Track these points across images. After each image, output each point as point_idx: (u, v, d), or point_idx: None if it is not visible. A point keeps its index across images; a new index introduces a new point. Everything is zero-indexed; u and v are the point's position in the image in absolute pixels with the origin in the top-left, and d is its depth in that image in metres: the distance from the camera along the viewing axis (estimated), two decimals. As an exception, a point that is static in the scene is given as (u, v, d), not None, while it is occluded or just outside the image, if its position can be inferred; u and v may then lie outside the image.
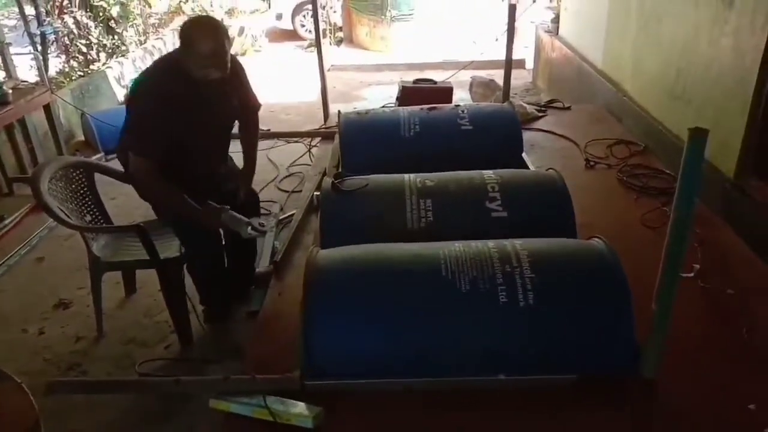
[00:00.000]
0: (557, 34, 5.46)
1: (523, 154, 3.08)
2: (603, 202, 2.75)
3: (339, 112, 3.18)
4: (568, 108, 3.96)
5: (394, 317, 1.65)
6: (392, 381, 1.65)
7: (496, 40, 8.28)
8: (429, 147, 2.96)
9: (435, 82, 3.89)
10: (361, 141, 3.00)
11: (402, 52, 8.10)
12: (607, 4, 4.10)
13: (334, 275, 1.74)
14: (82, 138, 5.13)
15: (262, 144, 4.77)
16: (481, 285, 1.64)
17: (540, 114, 3.83)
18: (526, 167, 2.94)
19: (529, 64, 6.86)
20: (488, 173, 2.30)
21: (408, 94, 3.82)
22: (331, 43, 8.99)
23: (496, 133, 3.02)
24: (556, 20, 5.49)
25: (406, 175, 2.33)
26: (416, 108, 3.21)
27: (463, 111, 3.08)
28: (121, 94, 6.21)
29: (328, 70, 7.72)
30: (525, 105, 3.79)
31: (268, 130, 5.34)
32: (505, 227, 2.08)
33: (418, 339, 1.63)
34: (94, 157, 4.76)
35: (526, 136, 3.57)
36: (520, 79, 6.89)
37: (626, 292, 1.61)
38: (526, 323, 1.61)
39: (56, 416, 1.98)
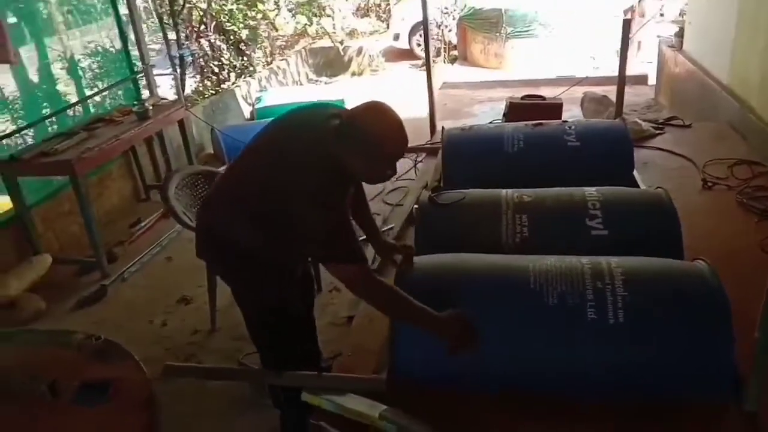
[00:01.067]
0: (681, 48, 5.17)
1: (635, 173, 2.97)
2: (719, 225, 2.59)
3: (443, 127, 3.25)
4: (689, 126, 3.76)
5: (479, 326, 1.67)
6: (475, 388, 1.67)
7: (617, 53, 8.05)
8: (533, 163, 2.94)
9: (544, 98, 3.84)
10: (464, 156, 3.04)
11: (517, 68, 8.03)
12: (735, 16, 3.84)
13: (422, 280, 1.81)
14: (211, 151, 5.60)
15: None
16: (570, 300, 1.64)
17: (657, 132, 3.67)
18: (637, 186, 2.83)
19: (652, 80, 6.53)
20: (590, 190, 2.26)
21: (515, 111, 3.81)
22: (445, 62, 9.11)
23: (605, 151, 2.93)
24: (680, 34, 5.21)
25: (504, 190, 2.35)
26: (521, 124, 3.20)
27: (570, 127, 3.02)
28: (247, 111, 6.71)
29: (440, 87, 7.84)
30: (640, 122, 3.64)
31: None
32: (606, 246, 2.03)
33: (501, 350, 1.66)
34: (220, 168, 5.18)
35: (640, 154, 3.45)
36: (642, 95, 6.58)
37: (725, 314, 1.54)
38: (614, 341, 1.59)
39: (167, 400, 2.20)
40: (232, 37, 7.22)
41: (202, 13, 6.87)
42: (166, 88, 6.20)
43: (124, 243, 3.90)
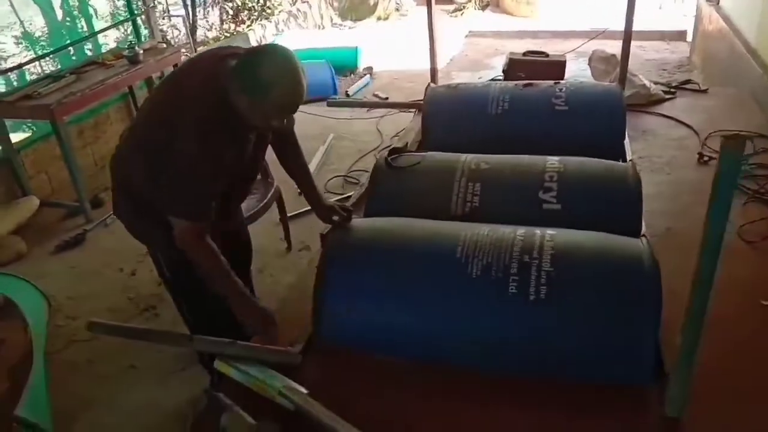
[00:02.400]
0: (718, 3, 4.79)
1: (626, 142, 2.80)
2: (699, 204, 2.40)
3: (428, 84, 3.11)
4: (704, 91, 3.50)
5: (399, 293, 1.68)
6: (394, 354, 1.67)
7: (660, 8, 7.54)
8: (517, 127, 2.82)
9: (547, 55, 3.63)
10: (445, 116, 2.94)
11: (550, 18, 7.63)
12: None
13: (347, 242, 1.79)
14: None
15: (374, 113, 4.89)
16: (494, 272, 1.61)
17: (667, 96, 3.43)
18: (624, 157, 2.67)
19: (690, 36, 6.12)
20: (553, 160, 2.15)
21: (514, 67, 3.65)
22: (475, 8, 8.75)
23: (594, 117, 2.79)
24: (719, -14, 4.82)
25: (465, 155, 2.25)
26: (511, 84, 3.05)
27: (561, 89, 2.87)
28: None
29: (466, 36, 7.55)
30: (649, 84, 3.43)
31: (386, 98, 5.42)
32: (558, 222, 1.93)
33: (418, 319, 1.65)
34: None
35: (642, 120, 3.26)
36: (678, 52, 6.22)
37: (650, 298, 1.48)
38: (532, 318, 1.56)
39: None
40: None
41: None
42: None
43: (113, 188, 3.95)
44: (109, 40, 5.32)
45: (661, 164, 2.74)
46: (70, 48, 4.60)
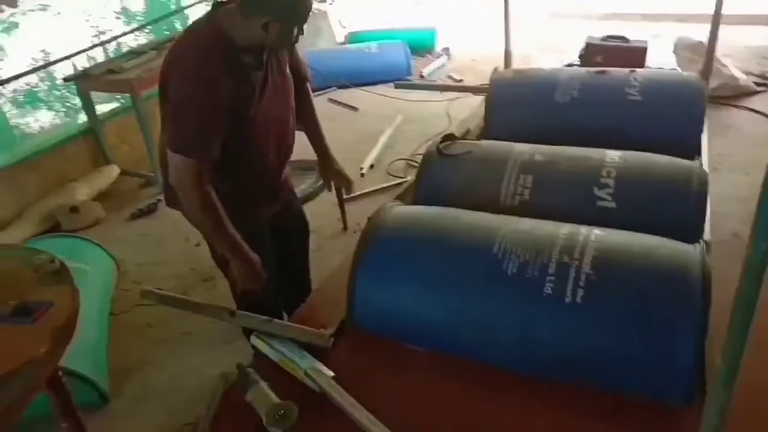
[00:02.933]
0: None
1: (704, 137, 2.61)
2: None
3: (495, 68, 3.02)
4: (805, 84, 3.19)
5: (430, 283, 1.66)
6: (424, 344, 1.67)
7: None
8: (586, 116, 2.70)
9: (628, 40, 3.42)
10: (510, 103, 2.86)
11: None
12: None
13: (387, 229, 1.79)
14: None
15: (447, 95, 4.81)
16: (530, 271, 1.56)
17: (759, 89, 3.17)
18: (700, 153, 2.50)
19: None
20: (613, 154, 2.05)
21: (592, 53, 3.48)
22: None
23: (670, 109, 2.63)
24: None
25: (520, 145, 2.19)
26: (583, 70, 2.92)
27: (635, 79, 2.71)
28: (341, 35, 6.65)
29: (549, 15, 7.25)
30: (740, 75, 3.16)
31: (461, 80, 5.32)
32: (612, 222, 1.84)
33: (448, 311, 1.63)
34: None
35: (728, 114, 3.04)
36: (776, 39, 5.66)
37: (693, 313, 1.38)
38: (566, 322, 1.50)
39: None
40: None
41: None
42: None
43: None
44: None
45: (741, 163, 2.55)
46: (163, 23, 4.81)
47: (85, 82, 3.57)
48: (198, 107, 1.60)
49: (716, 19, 2.93)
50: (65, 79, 3.62)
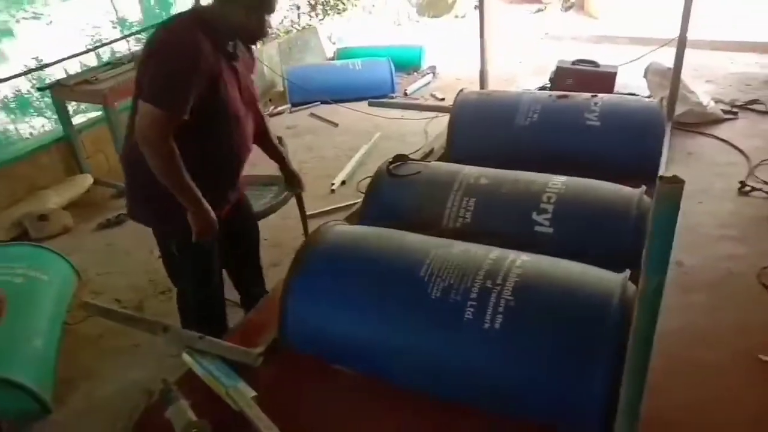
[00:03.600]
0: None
1: (662, 165, 2.63)
2: (726, 241, 2.22)
3: (460, 90, 3.05)
4: (770, 113, 3.21)
5: (356, 305, 1.68)
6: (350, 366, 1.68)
7: None
8: (544, 140, 2.75)
9: (597, 65, 3.45)
10: (472, 124, 2.91)
11: (631, 23, 7.24)
12: None
13: (319, 250, 1.81)
14: (281, 89, 5.69)
15: (426, 114, 4.84)
16: (453, 296, 1.58)
17: (727, 116, 3.18)
18: (654, 180, 2.50)
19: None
20: (557, 179, 2.07)
21: (561, 76, 3.50)
22: (562, 9, 8.46)
23: (628, 135, 2.67)
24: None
25: (468, 168, 2.21)
26: (545, 94, 2.95)
27: (596, 104, 2.75)
28: (330, 50, 6.71)
29: (542, 38, 7.31)
30: (707, 102, 3.19)
31: (443, 99, 5.36)
32: (549, 247, 1.85)
33: (372, 333, 1.64)
34: (279, 108, 5.29)
35: (691, 141, 3.07)
36: (768, 67, 5.69)
37: (607, 346, 1.37)
38: (483, 348, 1.52)
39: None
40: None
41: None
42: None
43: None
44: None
45: (695, 191, 2.55)
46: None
47: (59, 91, 3.61)
48: (177, 65, 1.74)
49: (681, 46, 2.95)
50: (39, 89, 3.66)
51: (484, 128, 2.85)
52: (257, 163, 2.42)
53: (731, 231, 2.19)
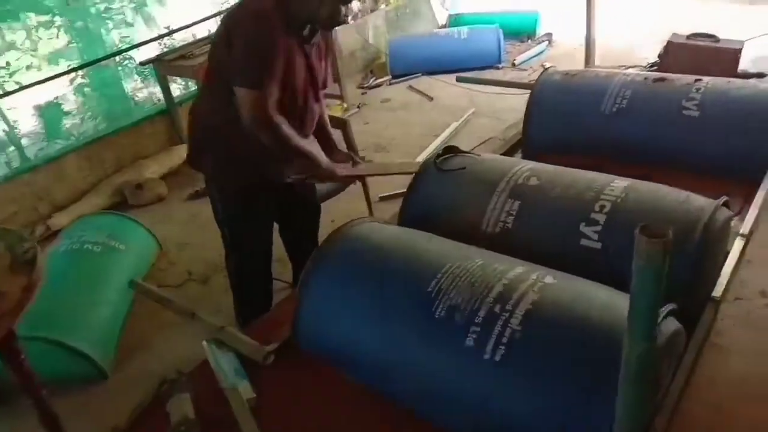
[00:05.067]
0: None
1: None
2: None
3: (545, 69, 2.78)
4: None
5: (363, 313, 1.60)
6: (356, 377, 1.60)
7: None
8: (632, 131, 2.44)
9: (718, 39, 2.97)
10: (551, 110, 2.67)
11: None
12: None
13: (340, 251, 1.73)
14: (384, 60, 5.58)
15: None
16: (458, 317, 1.45)
17: None
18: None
19: None
20: (618, 184, 1.80)
21: (674, 53, 3.07)
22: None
23: (733, 128, 2.27)
24: None
25: (521, 164, 2.01)
26: (641, 76, 2.60)
27: (698, 89, 2.38)
28: (443, 17, 6.47)
29: None
30: None
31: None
32: (594, 265, 1.65)
33: (373, 345, 1.56)
34: (379, 80, 5.21)
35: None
36: None
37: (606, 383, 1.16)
38: (479, 380, 1.38)
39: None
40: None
41: None
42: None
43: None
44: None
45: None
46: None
47: (159, 65, 3.81)
48: (258, 44, 1.86)
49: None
50: (141, 63, 3.89)
51: (565, 114, 2.57)
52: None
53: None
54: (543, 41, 5.66)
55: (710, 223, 1.62)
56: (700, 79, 2.41)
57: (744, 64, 3.40)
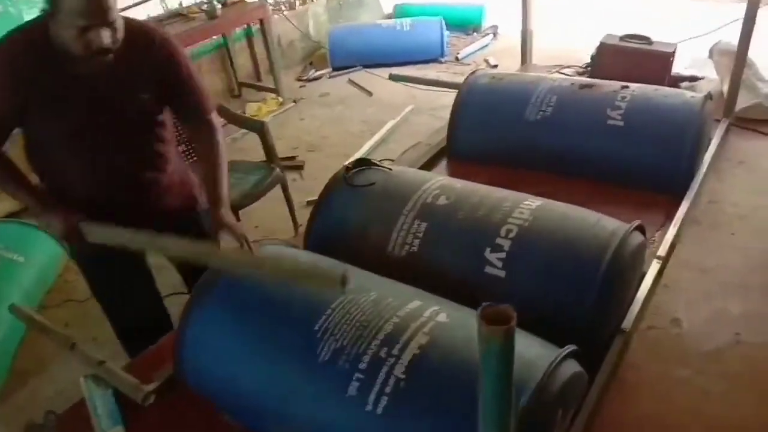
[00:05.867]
0: None
1: (698, 177, 2.19)
2: (755, 291, 1.73)
3: (472, 72, 2.67)
4: None
5: (249, 353, 1.45)
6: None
7: None
8: (555, 140, 2.36)
9: (651, 41, 2.91)
10: (476, 116, 2.56)
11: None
12: None
13: (223, 283, 1.56)
14: (325, 51, 5.39)
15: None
16: (341, 362, 1.32)
17: (806, 112, 2.60)
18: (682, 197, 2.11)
19: None
20: (529, 204, 1.69)
21: (605, 55, 2.99)
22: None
23: (655, 138, 2.22)
24: None
25: (434, 180, 1.89)
26: (567, 82, 2.52)
27: (624, 97, 2.30)
28: (388, 7, 6.30)
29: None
30: (775, 96, 2.61)
31: (495, 66, 4.87)
32: (500, 294, 1.53)
33: (255, 388, 1.42)
34: (318, 73, 5.02)
35: (749, 145, 2.54)
36: None
37: None
38: None
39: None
40: None
41: None
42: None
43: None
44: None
45: (732, 217, 2.07)
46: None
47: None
48: None
49: (748, 24, 2.39)
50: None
51: (489, 121, 2.47)
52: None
53: (765, 278, 1.74)
54: (488, 34, 5.57)
55: (619, 250, 1.53)
56: (627, 86, 2.34)
57: (682, 65, 3.37)
